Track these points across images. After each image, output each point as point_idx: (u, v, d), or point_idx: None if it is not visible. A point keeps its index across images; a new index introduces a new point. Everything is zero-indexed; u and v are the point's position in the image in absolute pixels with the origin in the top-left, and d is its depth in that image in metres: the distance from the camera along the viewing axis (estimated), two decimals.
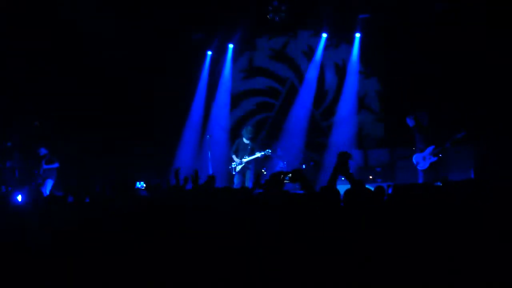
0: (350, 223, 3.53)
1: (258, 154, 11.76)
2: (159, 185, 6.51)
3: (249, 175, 11.94)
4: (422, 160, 10.86)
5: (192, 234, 3.56)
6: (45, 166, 13.27)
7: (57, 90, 13.63)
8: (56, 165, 13.34)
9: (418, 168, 10.95)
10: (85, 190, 6.18)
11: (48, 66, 13.44)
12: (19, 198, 9.11)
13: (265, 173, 13.32)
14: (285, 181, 4.65)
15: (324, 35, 14.39)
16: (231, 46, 15.08)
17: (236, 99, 15.44)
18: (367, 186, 4.98)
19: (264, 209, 3.97)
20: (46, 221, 4.38)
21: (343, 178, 11.93)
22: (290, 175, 4.69)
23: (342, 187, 4.59)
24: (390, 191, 6.23)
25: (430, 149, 10.74)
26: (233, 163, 12.07)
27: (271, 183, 4.56)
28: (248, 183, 11.78)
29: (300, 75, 15.06)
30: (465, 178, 10.48)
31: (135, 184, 13.27)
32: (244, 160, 11.86)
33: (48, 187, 13.03)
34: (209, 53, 15.24)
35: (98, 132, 13.92)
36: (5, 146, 13.95)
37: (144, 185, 13.12)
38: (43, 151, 13.39)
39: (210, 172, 12.70)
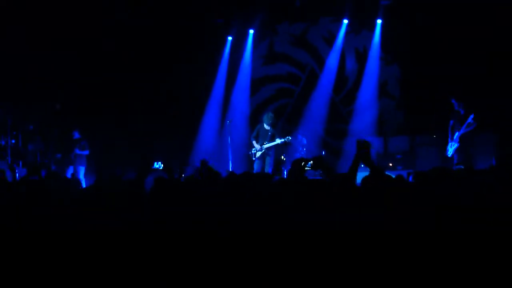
0: (369, 213, 3.52)
1: (278, 141, 11.76)
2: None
3: (268, 161, 11.96)
4: (449, 147, 11.08)
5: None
6: (77, 151, 13.23)
7: (78, 73, 13.77)
8: (86, 152, 13.31)
9: (447, 155, 11.17)
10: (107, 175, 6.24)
11: (70, 51, 13.54)
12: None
13: (284, 159, 13.33)
14: (306, 168, 4.65)
15: (345, 21, 14.29)
16: (251, 31, 15.05)
17: (256, 85, 15.43)
18: (387, 173, 4.94)
19: (285, 195, 3.97)
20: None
21: (363, 165, 12.03)
22: (311, 162, 4.68)
23: (361, 174, 4.56)
24: (410, 179, 6.21)
25: (455, 136, 10.93)
26: (253, 149, 12.10)
27: (293, 170, 4.54)
28: (268, 169, 11.81)
29: (320, 61, 14.99)
30: (488, 165, 10.44)
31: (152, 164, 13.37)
32: (264, 146, 11.88)
33: (80, 174, 13.07)
34: (230, 38, 15.22)
35: (120, 117, 14.05)
36: (27, 129, 14.08)
37: (162, 166, 13.20)
38: (76, 135, 13.38)
39: (230, 157, 12.73)
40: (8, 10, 12.42)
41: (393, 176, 5.11)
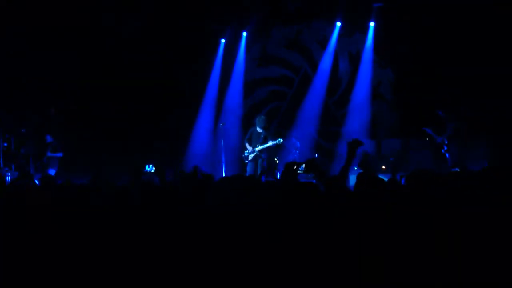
0: (361, 215, 3.51)
1: (270, 143, 11.76)
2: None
3: (261, 163, 11.96)
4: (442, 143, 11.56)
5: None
6: (49, 154, 13.15)
7: (71, 76, 13.76)
8: (60, 154, 13.23)
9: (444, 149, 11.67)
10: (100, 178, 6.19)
11: (65, 54, 13.51)
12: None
13: (277, 162, 13.33)
14: (299, 171, 4.63)
15: (339, 23, 14.31)
16: (244, 34, 15.05)
17: (249, 87, 15.42)
18: (380, 176, 4.95)
19: (275, 198, 3.95)
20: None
21: (356, 168, 12.05)
22: (304, 165, 4.66)
23: (353, 178, 4.56)
24: (403, 181, 6.21)
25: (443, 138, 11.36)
26: (246, 151, 12.11)
27: (286, 173, 4.51)
28: None
29: (313, 64, 14.99)
30: (480, 167, 10.51)
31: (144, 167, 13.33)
32: (257, 148, 11.87)
33: None
34: (223, 41, 15.22)
35: (112, 120, 14.03)
36: (20, 133, 14.04)
37: (154, 168, 13.16)
38: (48, 139, 13.29)
39: (223, 160, 12.74)
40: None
41: (386, 179, 5.12)
